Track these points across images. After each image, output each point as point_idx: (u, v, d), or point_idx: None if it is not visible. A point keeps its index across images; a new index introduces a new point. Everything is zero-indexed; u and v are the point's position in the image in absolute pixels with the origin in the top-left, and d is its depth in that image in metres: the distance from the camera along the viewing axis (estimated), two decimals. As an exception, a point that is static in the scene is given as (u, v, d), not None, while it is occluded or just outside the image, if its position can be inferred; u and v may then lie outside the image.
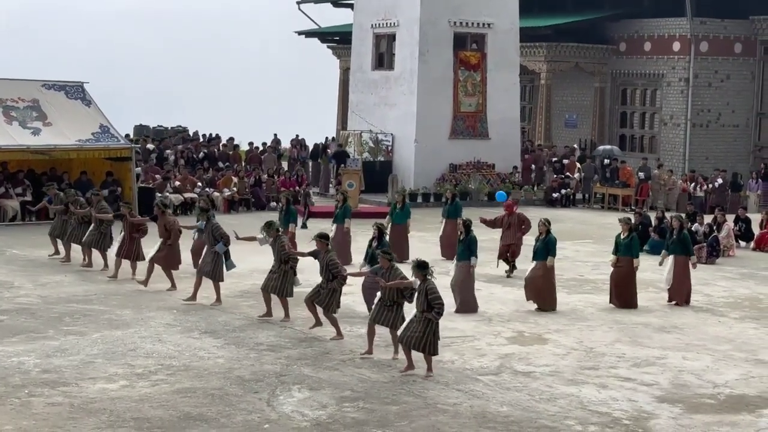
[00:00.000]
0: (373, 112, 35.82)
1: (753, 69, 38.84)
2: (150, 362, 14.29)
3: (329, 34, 48.87)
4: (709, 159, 38.00)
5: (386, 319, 14.60)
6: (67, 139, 27.65)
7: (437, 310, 13.79)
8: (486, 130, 35.33)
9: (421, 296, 13.84)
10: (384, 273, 14.67)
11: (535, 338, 16.37)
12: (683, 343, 16.26)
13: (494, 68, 35.30)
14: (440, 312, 13.84)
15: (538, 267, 18.48)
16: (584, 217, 32.12)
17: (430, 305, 13.77)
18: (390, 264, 14.70)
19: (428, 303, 13.77)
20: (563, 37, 39.97)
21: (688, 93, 38.22)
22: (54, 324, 16.38)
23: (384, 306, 14.59)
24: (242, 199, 31.53)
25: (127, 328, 16.21)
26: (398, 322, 14.48)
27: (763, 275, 22.75)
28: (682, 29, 38.15)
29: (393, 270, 14.66)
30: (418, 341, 13.84)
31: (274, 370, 14.07)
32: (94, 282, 19.88)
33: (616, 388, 13.72)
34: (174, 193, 29.92)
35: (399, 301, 14.54)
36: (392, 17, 35.28)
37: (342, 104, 45.45)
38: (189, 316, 17.06)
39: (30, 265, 21.42)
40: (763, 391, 13.77)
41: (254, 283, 19.00)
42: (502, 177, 34.90)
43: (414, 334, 13.82)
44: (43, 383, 13.20)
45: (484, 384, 13.72)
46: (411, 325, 13.87)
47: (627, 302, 18.77)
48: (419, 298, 13.87)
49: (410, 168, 34.36)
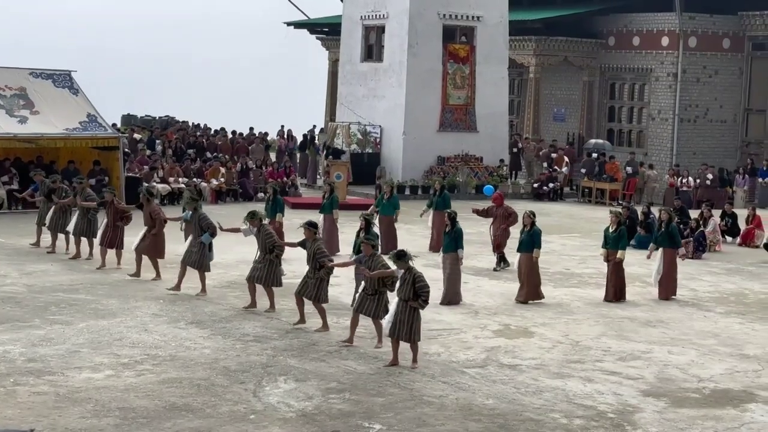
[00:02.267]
0: (362, 103, 35.79)
1: (741, 65, 38.88)
2: (136, 352, 14.27)
3: (318, 26, 48.78)
4: (696, 154, 38.04)
5: (369, 308, 14.66)
6: (55, 128, 27.55)
7: (424, 298, 13.82)
8: (474, 123, 35.34)
9: (407, 285, 13.85)
10: (367, 260, 14.69)
11: (521, 331, 16.39)
12: (669, 338, 16.30)
13: (483, 61, 35.30)
14: (427, 300, 13.89)
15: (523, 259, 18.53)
16: (571, 211, 32.18)
17: (417, 293, 13.79)
18: (372, 252, 14.72)
19: (415, 291, 13.79)
20: (552, 30, 39.95)
21: (677, 88, 38.25)
22: (40, 313, 16.34)
23: (367, 295, 14.64)
24: (230, 190, 31.50)
25: (113, 317, 16.19)
26: (381, 311, 14.52)
27: (748, 270, 22.83)
28: (670, 24, 38.17)
29: (375, 258, 14.69)
30: (407, 333, 13.86)
31: (260, 361, 14.06)
32: (80, 271, 19.83)
33: (602, 381, 13.76)
34: (161, 183, 29.84)
35: (381, 289, 14.57)
36: (381, 9, 35.24)
37: (331, 96, 45.39)
38: (175, 307, 17.03)
39: (16, 254, 21.36)
40: (747, 386, 13.82)
41: (240, 274, 18.97)
42: (490, 170, 34.92)
43: (403, 326, 13.84)
44: (29, 372, 13.18)
45: (470, 377, 13.74)
46: (397, 317, 13.88)
47: (617, 294, 18.84)
48: (404, 286, 13.88)
49: (398, 160, 34.36)
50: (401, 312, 13.87)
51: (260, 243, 16.77)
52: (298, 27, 49.73)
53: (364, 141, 35.10)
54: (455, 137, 34.85)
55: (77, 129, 27.88)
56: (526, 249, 18.55)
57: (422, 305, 13.88)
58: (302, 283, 15.80)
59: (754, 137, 38.73)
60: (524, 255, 18.55)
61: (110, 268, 19.93)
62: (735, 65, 38.82)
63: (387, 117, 34.91)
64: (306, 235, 15.77)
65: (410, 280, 13.84)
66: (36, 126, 27.36)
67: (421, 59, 34.42)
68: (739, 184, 34.74)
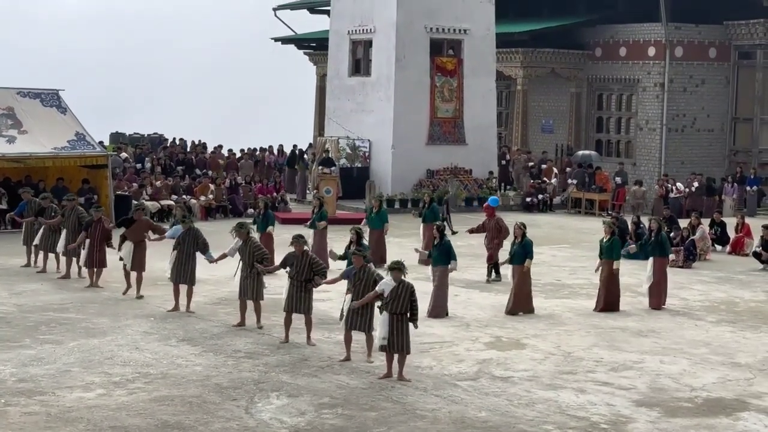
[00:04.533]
0: (350, 118, 35.81)
1: (727, 74, 39.03)
2: (127, 370, 14.22)
3: (306, 41, 48.87)
4: (684, 163, 38.15)
5: (360, 323, 14.65)
6: (43, 147, 27.51)
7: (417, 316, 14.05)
8: (463, 135, 35.39)
9: (400, 299, 13.82)
10: (357, 272, 14.65)
11: (513, 343, 16.39)
12: (660, 347, 16.31)
13: (471, 74, 35.37)
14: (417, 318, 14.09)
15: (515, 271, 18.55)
16: (561, 222, 32.21)
17: (411, 306, 13.86)
18: (363, 264, 14.69)
19: (411, 305, 13.85)
20: (539, 42, 40.08)
21: (664, 98, 38.37)
22: (30, 333, 16.28)
23: (355, 309, 14.59)
24: (219, 206, 31.48)
25: (103, 336, 16.14)
26: (370, 324, 14.55)
27: (738, 279, 22.87)
28: (657, 34, 38.32)
29: (367, 270, 14.65)
30: (401, 345, 13.86)
31: (252, 377, 14.03)
32: (70, 290, 19.78)
33: (594, 392, 13.75)
34: (150, 200, 29.80)
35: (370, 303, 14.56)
36: (369, 23, 35.30)
37: (319, 111, 45.44)
38: (166, 324, 16.99)
39: (5, 274, 21.29)
40: (740, 394, 13.83)
41: (231, 290, 18.93)
42: (479, 183, 34.96)
43: (397, 339, 13.80)
44: (20, 392, 13.12)
45: (463, 389, 13.73)
46: (392, 331, 13.82)
47: (610, 305, 18.85)
48: (397, 300, 13.84)
49: (387, 174, 34.38)
50: (394, 325, 13.85)
51: (247, 255, 16.71)
52: (286, 42, 49.83)
53: (353, 155, 35.12)
54: (444, 150, 34.89)
55: (66, 148, 27.84)
56: (518, 261, 18.56)
57: (416, 323, 14.00)
58: (292, 300, 15.67)
59: (741, 146, 38.86)
60: (516, 267, 18.56)
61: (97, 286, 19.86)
62: (721, 74, 38.98)
63: (375, 131, 34.94)
64: (295, 248, 15.73)
65: (405, 295, 13.83)
66: (24, 146, 27.31)
67: (409, 73, 34.48)
68: (728, 193, 34.83)
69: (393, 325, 13.85)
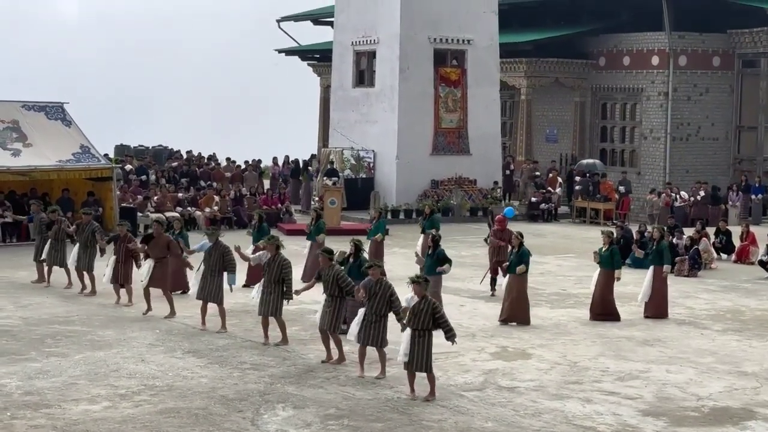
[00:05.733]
0: (355, 129, 35.86)
1: (731, 82, 39.02)
2: (133, 383, 14.22)
3: (309, 52, 48.96)
4: (689, 172, 38.12)
5: (374, 337, 14.44)
6: (48, 160, 27.57)
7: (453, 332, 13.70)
8: (467, 146, 35.42)
9: (423, 314, 13.53)
10: (374, 285, 14.46)
11: (518, 353, 16.37)
12: (666, 356, 16.29)
13: (474, 84, 35.42)
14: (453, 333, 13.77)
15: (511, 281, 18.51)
16: (566, 232, 32.19)
17: (439, 326, 13.56)
18: (380, 276, 14.48)
19: (435, 322, 13.54)
20: (543, 52, 40.11)
21: (668, 107, 38.37)
22: (36, 345, 16.28)
23: (369, 323, 14.41)
24: (224, 218, 31.49)
25: (109, 348, 16.14)
26: (384, 339, 14.41)
27: (744, 287, 22.84)
28: (660, 43, 38.33)
29: (383, 284, 14.42)
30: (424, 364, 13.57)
31: (257, 388, 14.02)
32: (75, 303, 19.78)
33: (601, 402, 13.73)
34: (155, 212, 29.80)
35: (386, 313, 14.40)
36: (372, 34, 35.35)
37: (323, 122, 45.49)
38: (172, 336, 16.99)
39: (11, 287, 21.31)
40: (746, 403, 13.80)
41: (236, 302, 18.95)
42: (484, 193, 34.96)
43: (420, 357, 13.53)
44: (26, 405, 13.12)
45: (469, 400, 13.71)
46: (414, 349, 13.55)
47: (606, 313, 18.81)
48: (420, 316, 13.54)
49: (392, 184, 34.40)
50: (416, 342, 13.59)
51: (272, 271, 16.21)
52: (289, 54, 49.92)
53: (357, 166, 35.14)
54: (448, 160, 34.91)
55: (70, 160, 27.90)
56: (515, 270, 18.51)
57: (453, 340, 13.76)
58: (321, 315, 15.35)
59: (746, 154, 38.83)
60: (513, 277, 18.52)
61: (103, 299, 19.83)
62: (725, 83, 38.96)
63: (380, 142, 34.97)
64: (323, 262, 15.48)
65: (427, 311, 13.59)
66: (29, 159, 27.37)
67: (413, 83, 34.52)
68: (733, 201, 34.79)
69: (414, 341, 13.58)
